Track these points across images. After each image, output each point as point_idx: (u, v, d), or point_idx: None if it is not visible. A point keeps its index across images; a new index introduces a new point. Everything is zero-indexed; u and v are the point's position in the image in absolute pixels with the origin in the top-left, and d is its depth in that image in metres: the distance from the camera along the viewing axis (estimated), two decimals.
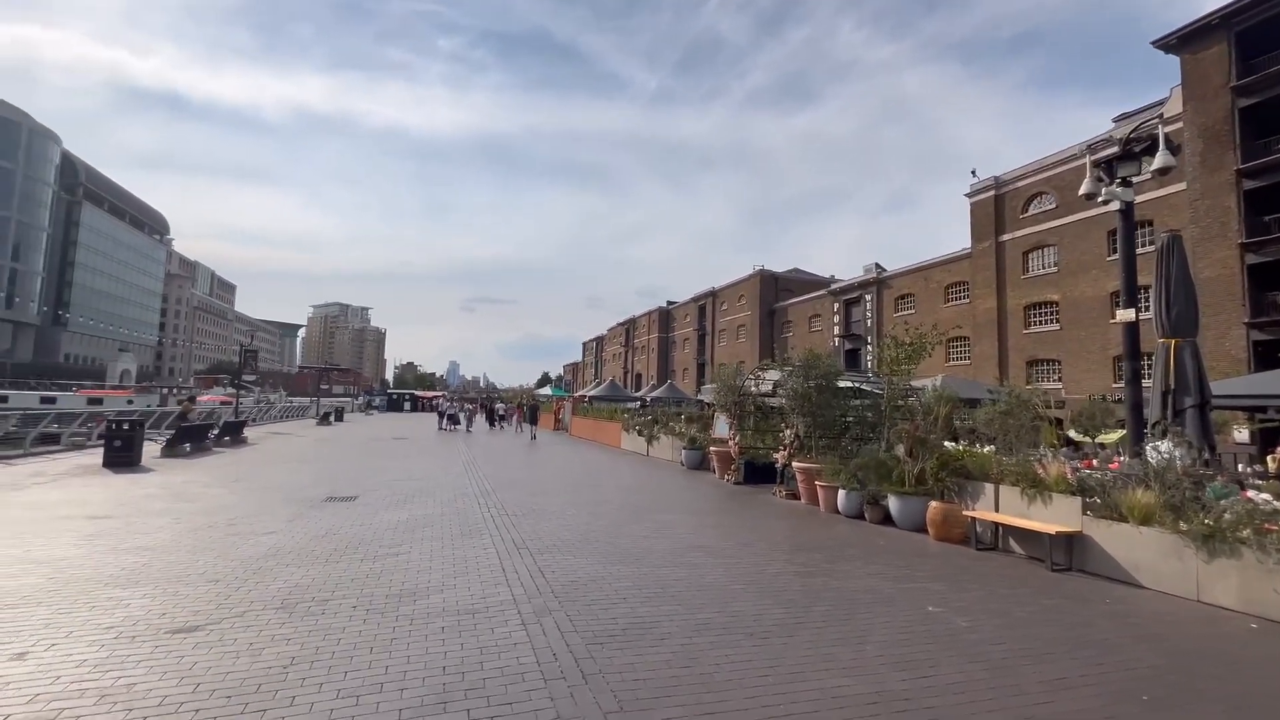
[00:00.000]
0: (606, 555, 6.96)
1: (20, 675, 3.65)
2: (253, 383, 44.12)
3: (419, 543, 7.31)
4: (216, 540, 7.18)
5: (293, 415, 42.63)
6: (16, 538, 7.01)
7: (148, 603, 4.96)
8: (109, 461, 13.49)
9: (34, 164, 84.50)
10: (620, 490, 12.68)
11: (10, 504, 9.08)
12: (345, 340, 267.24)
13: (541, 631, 4.54)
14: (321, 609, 4.92)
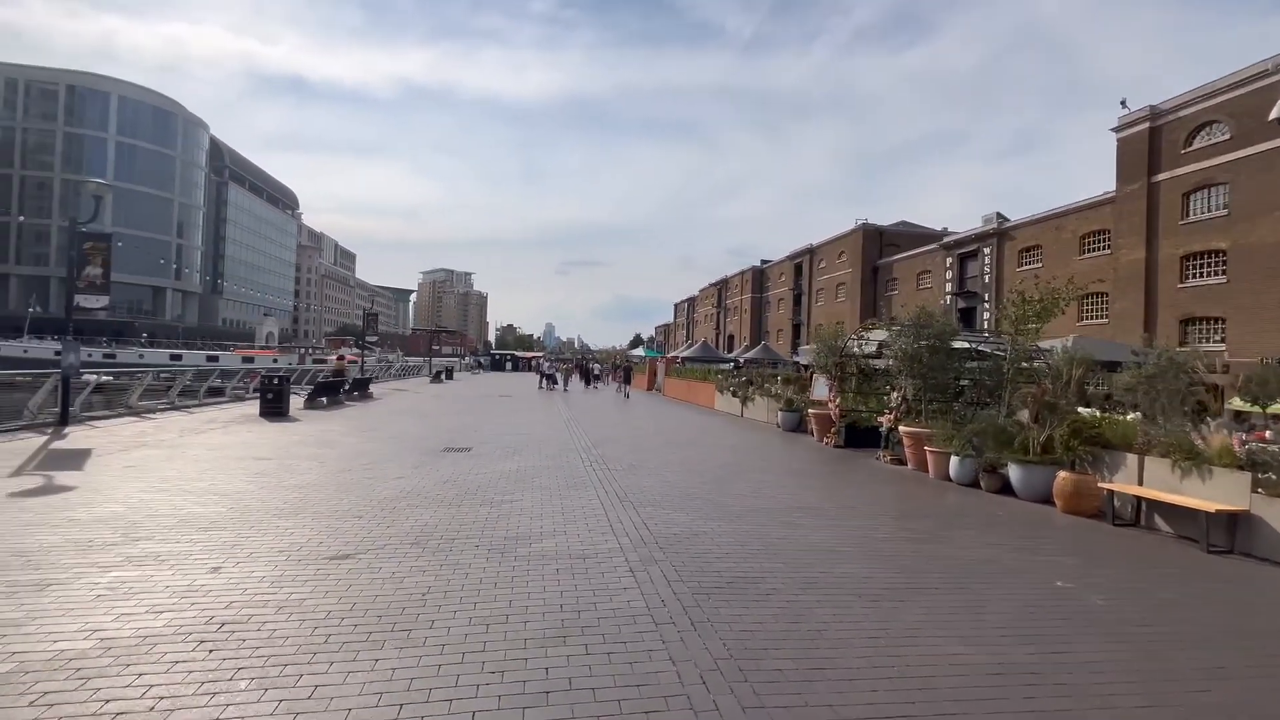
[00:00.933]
0: (707, 511, 7.06)
1: (217, 585, 4.34)
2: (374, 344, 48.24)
3: (529, 491, 7.79)
4: (356, 482, 8.04)
5: (409, 374, 46.37)
6: (203, 474, 8.24)
7: (307, 532, 5.68)
8: (264, 412, 15.41)
9: (189, 150, 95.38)
10: (717, 449, 12.74)
11: (195, 445, 10.66)
12: (451, 304, 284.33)
13: (649, 579, 4.72)
14: (449, 546, 5.40)
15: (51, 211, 79.34)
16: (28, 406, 12.67)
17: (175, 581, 4.37)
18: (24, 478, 7.66)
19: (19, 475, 7.79)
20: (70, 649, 3.35)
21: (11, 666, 3.16)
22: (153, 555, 4.90)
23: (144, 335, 71.66)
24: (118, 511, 6.16)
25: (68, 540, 5.21)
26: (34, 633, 3.52)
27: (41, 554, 4.84)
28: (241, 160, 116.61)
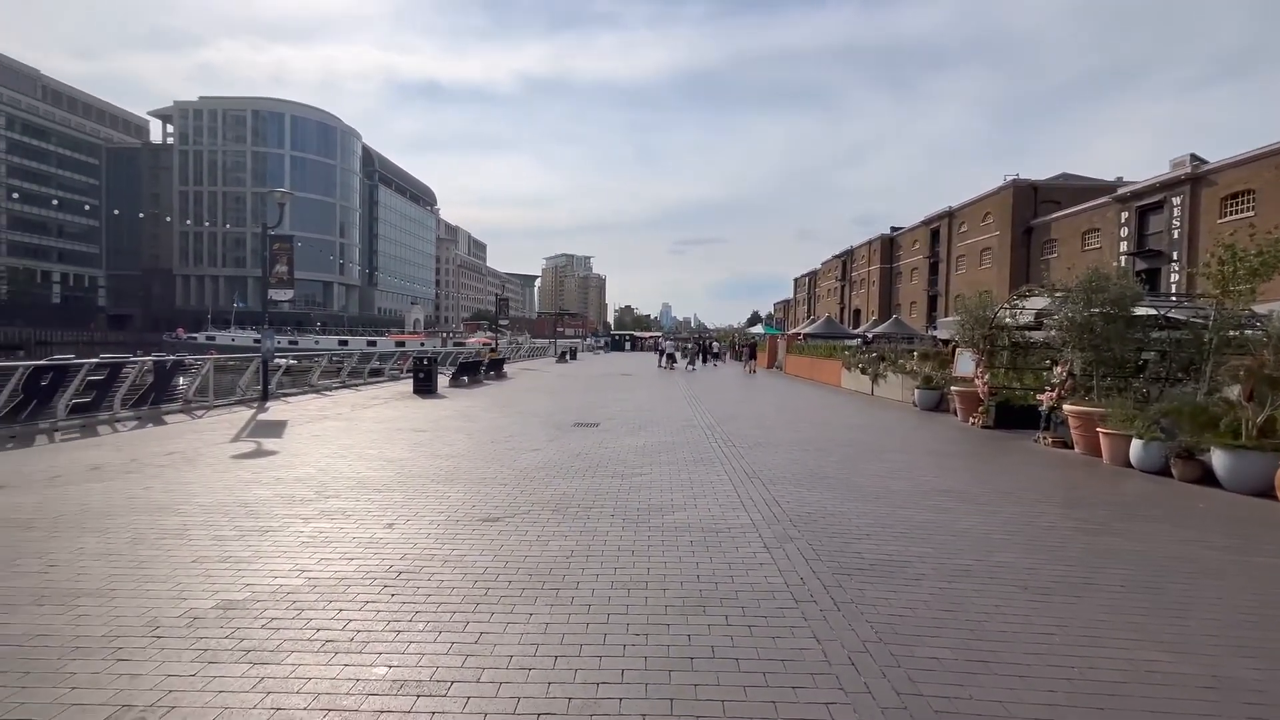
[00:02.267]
0: (841, 491, 6.77)
1: (392, 539, 4.91)
2: (505, 327, 51.60)
3: (657, 466, 7.95)
4: (499, 453, 8.69)
5: (536, 354, 49.17)
6: (373, 443, 9.35)
7: (462, 496, 6.24)
8: (416, 389, 17.13)
9: (346, 158, 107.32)
10: (847, 428, 12.15)
11: (364, 418, 12.12)
12: (572, 287, 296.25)
13: (785, 556, 4.63)
14: (586, 515, 5.67)
15: (246, 220, 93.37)
16: (239, 385, 15.12)
17: (359, 534, 5.01)
18: (240, 443, 9.17)
19: (237, 441, 9.34)
20: (286, 584, 3.97)
21: (246, 595, 3.81)
22: (340, 510, 5.65)
23: (318, 324, 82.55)
24: (311, 473, 7.18)
25: (276, 495, 6.16)
26: (259, 569, 4.21)
27: (259, 505, 5.77)
28: (388, 164, 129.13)
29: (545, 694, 2.77)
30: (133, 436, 9.64)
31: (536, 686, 2.83)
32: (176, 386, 13.06)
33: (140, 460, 7.74)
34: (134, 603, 3.66)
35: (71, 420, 10.35)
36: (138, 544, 4.67)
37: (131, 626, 3.36)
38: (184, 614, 3.53)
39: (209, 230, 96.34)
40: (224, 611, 3.56)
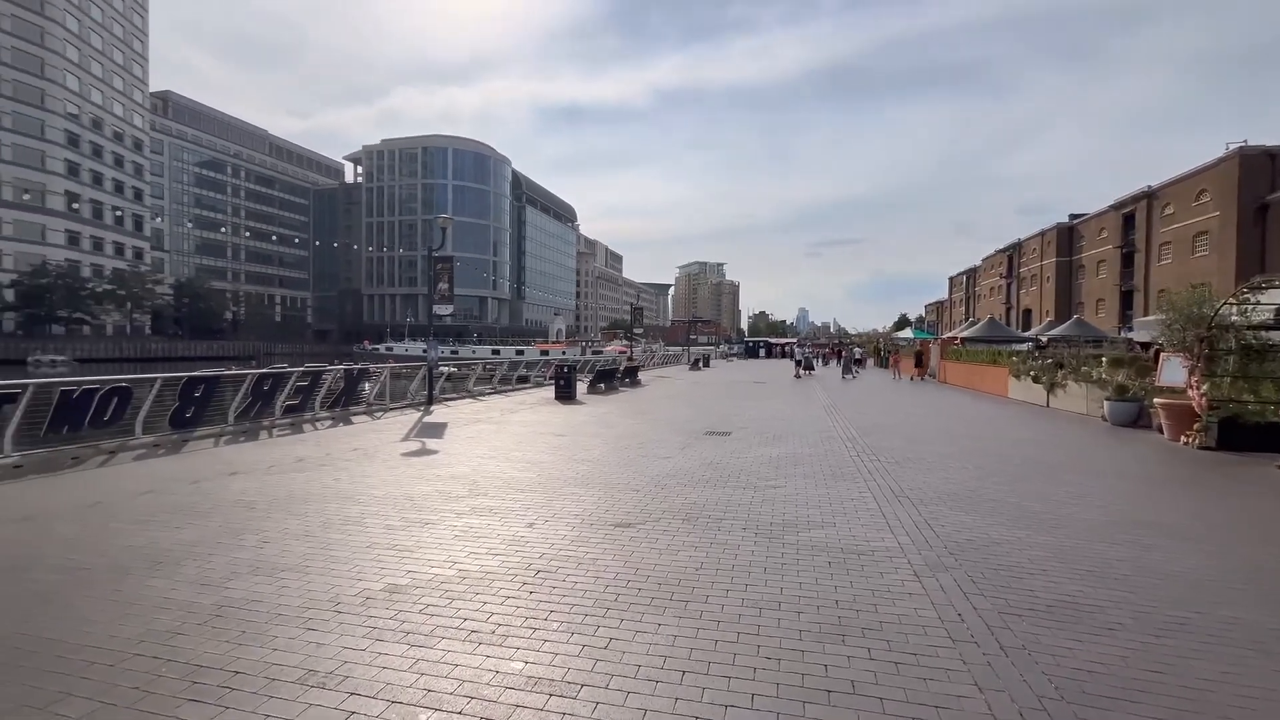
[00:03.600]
0: (1007, 517, 5.95)
1: (533, 538, 5.17)
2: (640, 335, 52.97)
3: (792, 479, 7.59)
4: (632, 459, 8.86)
5: (670, 362, 49.83)
6: (518, 445, 10.02)
7: (596, 501, 6.44)
8: (558, 395, 18.12)
9: (498, 184, 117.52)
10: (1015, 444, 10.73)
11: (512, 422, 13.05)
12: (705, 294, 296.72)
13: (939, 586, 4.15)
14: (717, 526, 5.55)
15: (417, 244, 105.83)
16: (409, 390, 17.07)
17: (504, 531, 5.35)
18: (409, 442, 10.31)
19: (406, 440, 10.51)
20: (440, 574, 4.34)
21: (408, 580, 4.22)
22: (488, 509, 6.09)
23: (475, 335, 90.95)
24: (465, 472, 7.85)
25: (436, 491, 6.80)
26: (420, 558, 4.66)
27: (421, 499, 6.41)
28: (533, 185, 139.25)
29: (672, 709, 2.71)
30: (328, 434, 11.26)
31: (663, 700, 2.78)
32: (361, 391, 15.07)
33: (332, 455, 9.00)
34: (321, 580, 4.22)
35: (284, 419, 12.35)
36: (327, 528, 5.40)
37: (319, 601, 3.87)
38: (359, 593, 3.99)
39: (388, 255, 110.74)
40: (390, 595, 3.98)
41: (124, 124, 79.12)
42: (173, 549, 4.80)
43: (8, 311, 60.10)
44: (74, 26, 70.70)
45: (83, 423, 8.95)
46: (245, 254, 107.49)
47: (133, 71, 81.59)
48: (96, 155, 73.71)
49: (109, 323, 68.36)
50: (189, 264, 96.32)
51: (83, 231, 70.94)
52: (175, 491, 6.68)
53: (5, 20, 63.98)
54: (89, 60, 73.10)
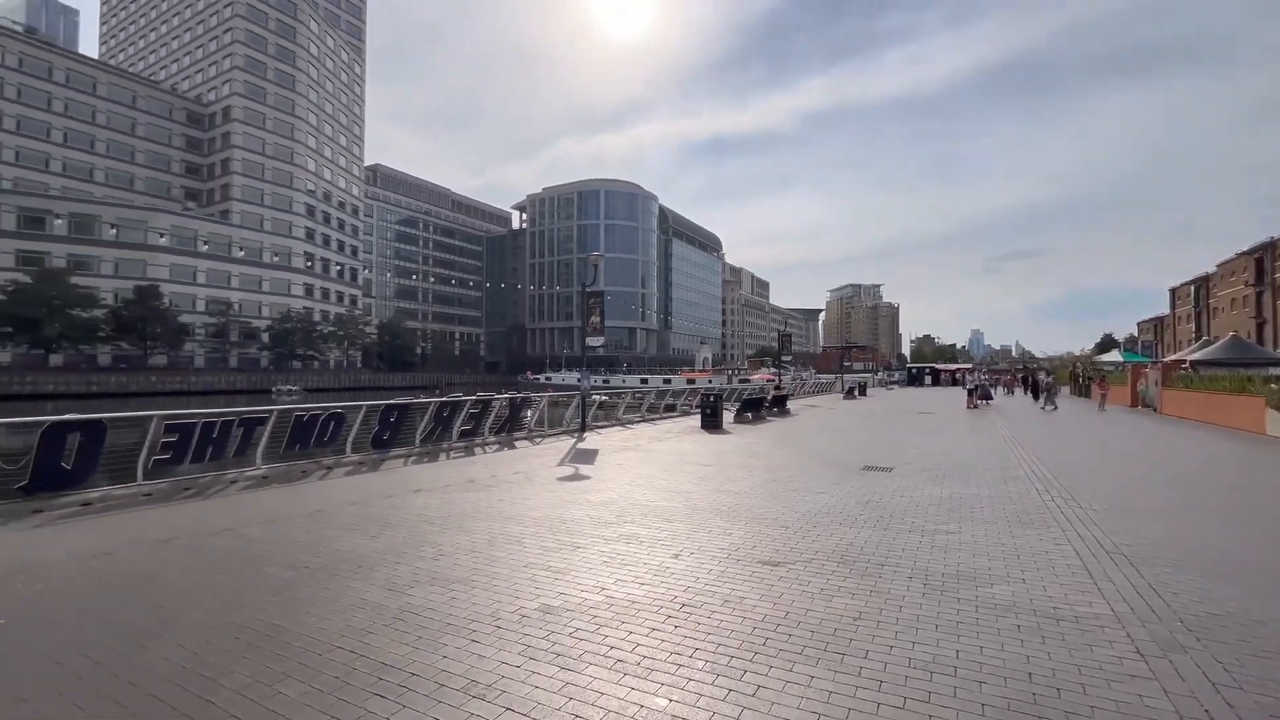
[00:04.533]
0: (1275, 589, 4.68)
1: (679, 569, 5.13)
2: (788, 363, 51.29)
3: (968, 523, 6.71)
4: (780, 493, 8.48)
5: (821, 390, 47.44)
6: (664, 474, 10.10)
7: (743, 535, 6.23)
8: (704, 424, 18.07)
9: (646, 219, 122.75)
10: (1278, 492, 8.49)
11: (658, 450, 13.24)
12: (860, 318, 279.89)
13: (1174, 671, 3.35)
14: (878, 572, 5.06)
15: (572, 281, 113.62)
16: (564, 418, 18.14)
17: (650, 560, 5.38)
18: (563, 467, 10.89)
19: (561, 465, 11.12)
20: (589, 599, 4.45)
21: (560, 602, 4.38)
22: (635, 536, 6.18)
23: (624, 365, 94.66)
24: (613, 498, 8.07)
25: (587, 516, 7.07)
26: (570, 581, 4.83)
27: (574, 524, 6.69)
28: (679, 218, 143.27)
29: None
30: (495, 457, 12.31)
31: None
32: (524, 418, 16.33)
33: (497, 477, 9.80)
34: (484, 594, 4.54)
35: (459, 443, 13.76)
36: (491, 545, 5.84)
37: (481, 615, 4.16)
38: (516, 611, 4.23)
39: (548, 292, 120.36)
40: (544, 615, 4.16)
41: (346, 194, 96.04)
42: (369, 555, 5.50)
43: (264, 350, 74.95)
44: (313, 121, 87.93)
45: (310, 442, 10.76)
46: (432, 296, 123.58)
47: (353, 151, 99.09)
48: (325, 221, 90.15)
49: (331, 358, 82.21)
50: (389, 307, 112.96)
51: (315, 284, 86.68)
52: (373, 504, 7.70)
53: (269, 121, 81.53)
54: (323, 146, 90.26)
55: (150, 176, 76.37)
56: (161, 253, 68.51)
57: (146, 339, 60.88)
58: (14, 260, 58.81)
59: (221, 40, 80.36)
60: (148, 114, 76.36)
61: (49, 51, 72.13)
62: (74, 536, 6.15)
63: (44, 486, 7.59)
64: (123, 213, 67.86)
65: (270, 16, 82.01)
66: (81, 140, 70.26)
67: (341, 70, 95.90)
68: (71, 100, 69.48)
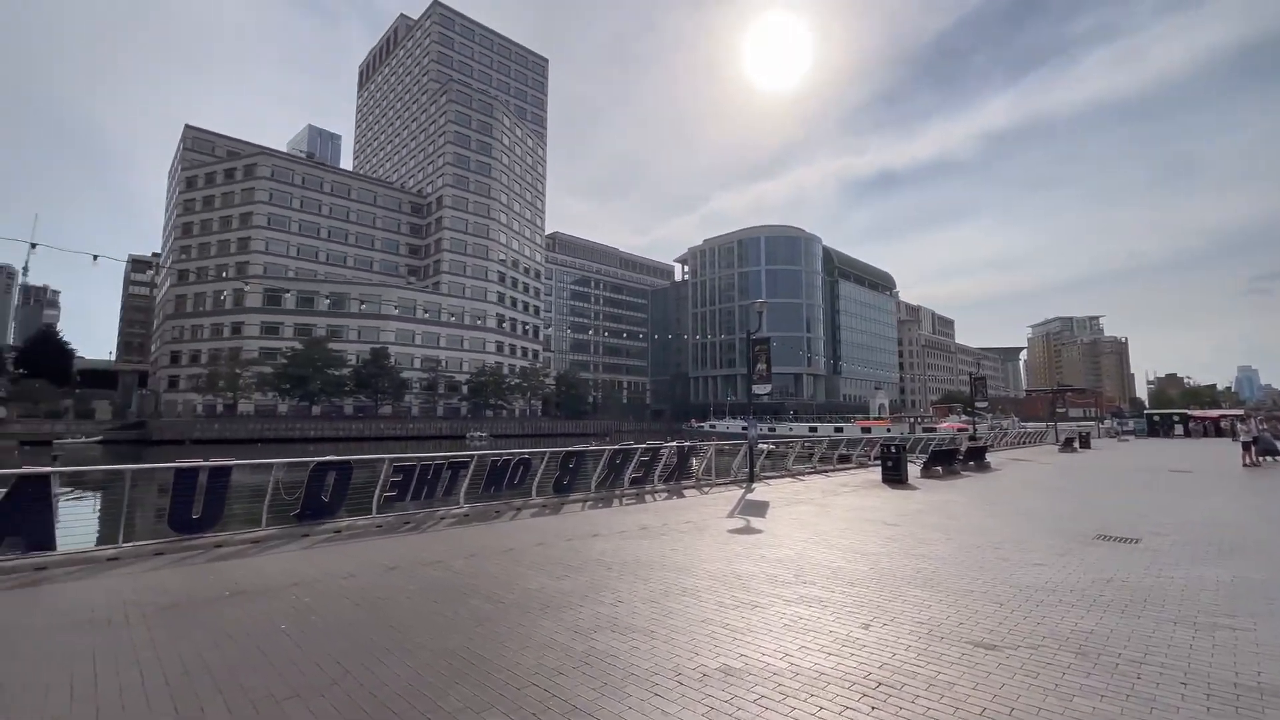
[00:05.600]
0: None
1: (869, 642, 4.65)
2: (983, 409, 45.39)
3: (1265, 617, 5.20)
4: (988, 562, 7.36)
5: (1028, 441, 40.93)
6: (843, 532, 9.38)
7: (944, 608, 5.48)
8: (885, 478, 16.55)
9: (810, 261, 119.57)
10: None
11: (834, 505, 12.38)
12: (1074, 357, 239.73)
13: None
14: (1136, 672, 4.10)
15: (734, 328, 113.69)
16: (732, 467, 17.86)
17: (836, 628, 4.96)
18: (734, 519, 10.64)
19: (731, 517, 10.88)
20: (772, 664, 4.21)
21: (741, 664, 4.21)
22: (817, 599, 5.76)
23: (791, 413, 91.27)
24: (789, 555, 7.66)
25: (762, 572, 6.78)
26: (751, 643, 4.62)
27: (749, 580, 6.45)
28: (845, 258, 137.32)
29: None
30: (664, 505, 12.46)
31: None
32: (691, 466, 16.40)
33: (668, 526, 9.88)
34: (664, 646, 4.53)
35: (630, 489, 14.19)
36: (667, 596, 5.84)
37: (663, 668, 4.14)
38: (696, 668, 4.14)
39: (710, 340, 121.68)
40: (725, 676, 4.02)
41: (530, 261, 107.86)
42: (555, 596, 5.82)
43: (463, 401, 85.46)
44: (504, 200, 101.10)
45: (502, 484, 11.88)
46: (602, 349, 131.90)
47: (535, 222, 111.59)
48: (514, 286, 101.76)
49: (516, 407, 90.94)
50: (565, 360, 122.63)
51: (504, 341, 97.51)
52: (556, 546, 8.19)
53: (471, 204, 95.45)
54: (512, 220, 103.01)
55: (384, 259, 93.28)
56: (390, 320, 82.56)
57: (378, 392, 72.99)
58: (293, 332, 74.98)
59: (437, 143, 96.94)
60: (384, 209, 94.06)
61: (320, 169, 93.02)
62: (329, 558, 7.40)
63: (310, 515, 9.30)
64: (364, 290, 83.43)
65: (473, 119, 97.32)
66: (338, 234, 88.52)
67: (527, 154, 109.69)
68: (334, 204, 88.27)
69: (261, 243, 79.61)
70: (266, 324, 75.78)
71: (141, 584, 6.21)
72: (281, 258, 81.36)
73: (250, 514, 9.35)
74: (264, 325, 75.65)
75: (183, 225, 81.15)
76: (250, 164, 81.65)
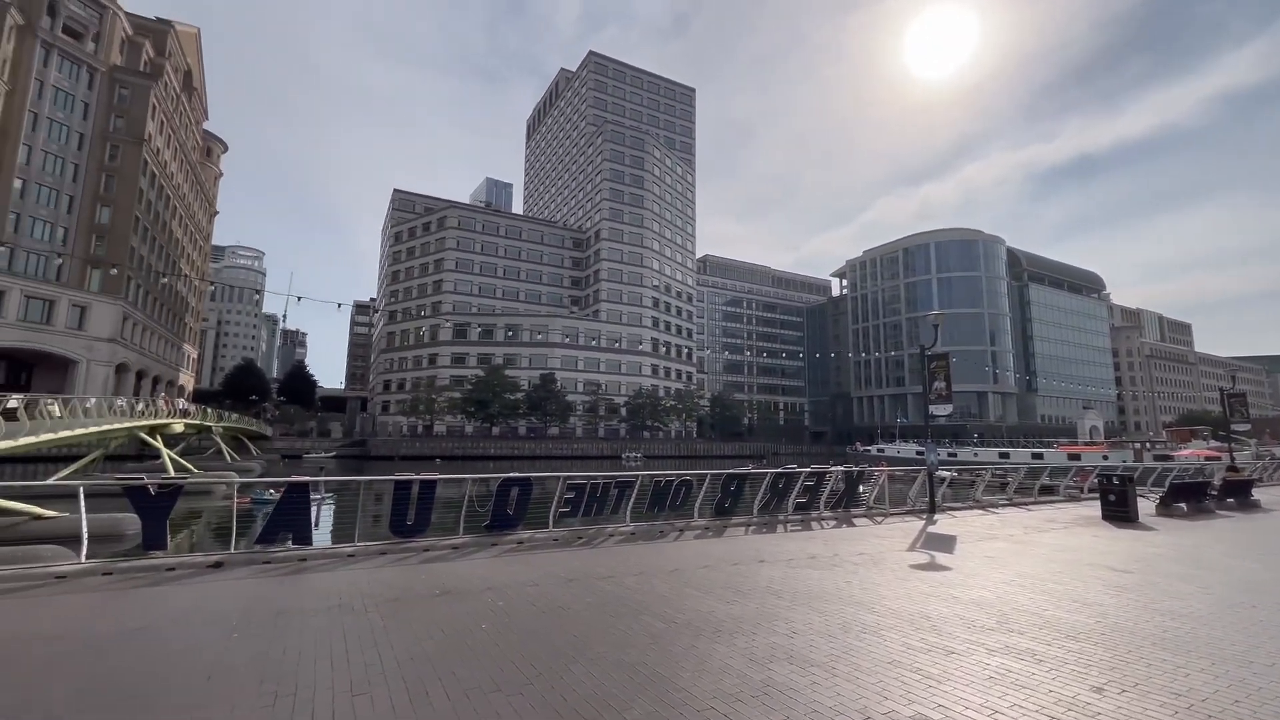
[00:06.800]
0: None
1: (1105, 710, 3.92)
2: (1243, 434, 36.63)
3: None
4: (1268, 623, 5.84)
5: None
6: (1055, 576, 8.08)
7: (1208, 679, 4.45)
8: (1106, 515, 13.98)
9: (990, 266, 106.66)
10: None
11: (1039, 544, 10.72)
12: None
13: None
14: None
15: (902, 344, 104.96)
16: (908, 495, 16.35)
17: (1057, 688, 4.26)
18: (915, 553, 9.70)
19: (912, 550, 9.94)
20: None
21: (940, 716, 3.79)
22: (1029, 651, 5.01)
23: (975, 436, 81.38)
24: (987, 598, 6.77)
25: (955, 615, 6.07)
26: (949, 694, 4.15)
27: (940, 622, 5.81)
28: (1036, 259, 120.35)
29: None
30: (832, 534, 11.75)
31: None
32: (860, 494, 15.31)
33: (840, 556, 9.29)
34: (848, 686, 4.24)
35: (794, 515, 13.61)
36: (846, 631, 5.48)
37: (848, 708, 3.88)
38: (887, 713, 3.81)
39: (874, 357, 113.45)
40: None
41: (682, 285, 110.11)
42: (725, 620, 5.75)
43: (621, 422, 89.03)
44: (656, 228, 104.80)
45: (665, 505, 12.11)
46: (756, 369, 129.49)
47: (686, 246, 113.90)
48: (667, 310, 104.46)
49: (671, 429, 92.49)
50: (719, 381, 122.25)
51: (659, 365, 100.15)
52: (722, 569, 8.12)
53: (626, 235, 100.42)
54: (664, 246, 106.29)
55: (551, 291, 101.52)
56: (556, 348, 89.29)
57: (546, 414, 78.98)
58: (476, 361, 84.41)
59: (594, 181, 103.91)
60: (550, 246, 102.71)
61: (496, 215, 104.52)
62: (515, 567, 8.10)
63: (497, 526, 10.28)
64: (534, 320, 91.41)
65: (626, 155, 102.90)
66: (512, 272, 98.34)
67: (677, 182, 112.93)
68: (508, 245, 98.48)
69: (451, 283, 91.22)
70: (455, 354, 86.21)
71: (372, 578, 7.33)
72: (467, 295, 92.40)
73: (443, 522, 10.58)
74: (453, 356, 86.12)
75: (392, 273, 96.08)
76: (442, 217, 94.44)
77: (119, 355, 53.83)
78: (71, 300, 50.28)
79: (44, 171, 50.48)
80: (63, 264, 50.62)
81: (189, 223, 77.83)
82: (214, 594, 6.54)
